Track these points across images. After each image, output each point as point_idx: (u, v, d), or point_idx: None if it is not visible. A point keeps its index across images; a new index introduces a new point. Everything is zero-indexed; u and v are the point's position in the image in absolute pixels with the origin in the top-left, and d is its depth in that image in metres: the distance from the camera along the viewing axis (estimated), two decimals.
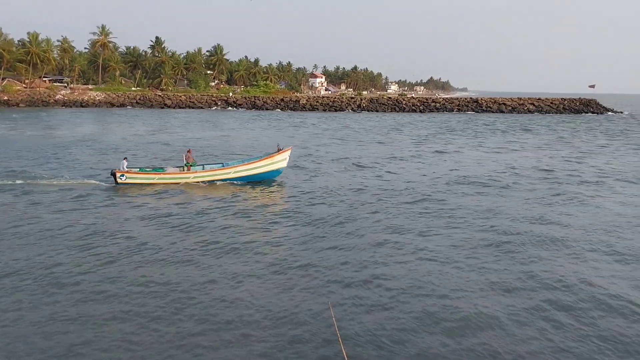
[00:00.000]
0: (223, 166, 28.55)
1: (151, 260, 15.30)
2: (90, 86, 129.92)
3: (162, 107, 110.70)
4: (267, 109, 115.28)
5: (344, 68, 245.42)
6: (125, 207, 22.48)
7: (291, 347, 10.45)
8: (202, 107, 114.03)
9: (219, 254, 15.91)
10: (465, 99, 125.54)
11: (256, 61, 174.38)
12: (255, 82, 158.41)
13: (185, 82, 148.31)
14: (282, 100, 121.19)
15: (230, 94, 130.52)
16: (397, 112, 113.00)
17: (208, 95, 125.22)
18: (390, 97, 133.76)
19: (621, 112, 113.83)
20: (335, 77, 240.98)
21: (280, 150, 28.01)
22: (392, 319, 11.66)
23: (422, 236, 18.06)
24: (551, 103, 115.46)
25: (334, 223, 19.77)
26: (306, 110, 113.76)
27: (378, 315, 11.82)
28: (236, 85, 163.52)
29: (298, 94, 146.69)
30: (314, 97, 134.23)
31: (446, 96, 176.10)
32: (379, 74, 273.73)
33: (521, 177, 30.32)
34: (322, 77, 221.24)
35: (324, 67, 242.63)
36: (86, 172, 30.53)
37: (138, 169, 27.95)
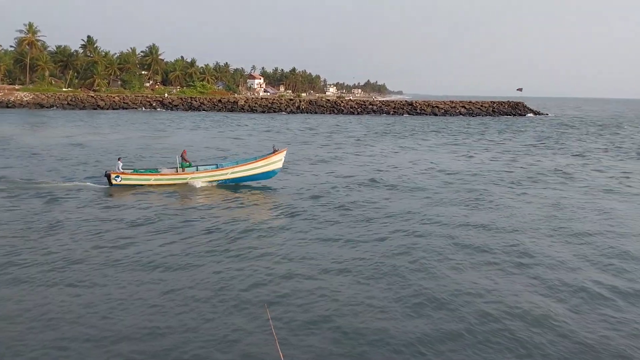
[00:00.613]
0: (217, 167, 28.27)
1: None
2: (16, 86, 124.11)
3: (95, 109, 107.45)
4: (204, 110, 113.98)
5: (282, 70, 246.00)
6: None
7: (227, 349, 10.49)
8: (136, 108, 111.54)
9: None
10: (401, 102, 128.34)
11: (192, 62, 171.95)
12: (191, 83, 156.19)
13: (119, 82, 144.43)
14: (219, 101, 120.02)
15: (166, 94, 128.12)
16: (336, 114, 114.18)
17: (143, 95, 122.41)
18: (328, 100, 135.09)
19: (546, 114, 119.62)
20: (274, 79, 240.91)
21: (276, 151, 27.84)
22: (327, 318, 11.84)
23: (346, 241, 18.15)
24: (481, 106, 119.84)
25: (268, 226, 19.92)
26: (245, 112, 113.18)
27: (314, 314, 12.01)
28: (172, 86, 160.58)
29: (236, 95, 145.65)
30: (253, 98, 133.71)
31: (382, 99, 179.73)
32: (318, 76, 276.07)
33: (434, 178, 31.35)
34: (260, 79, 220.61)
35: (263, 68, 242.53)
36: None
37: (133, 170, 27.56)
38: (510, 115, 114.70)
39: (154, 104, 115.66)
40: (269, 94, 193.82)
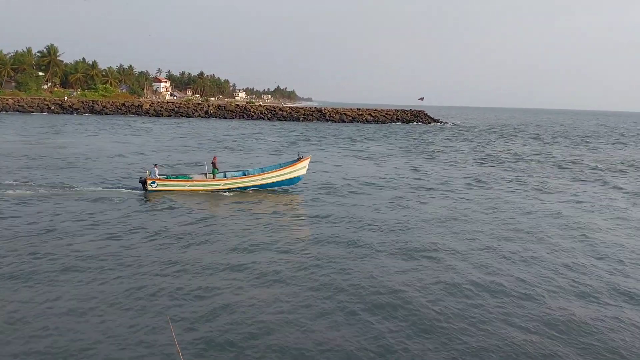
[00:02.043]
0: (244, 174, 29.42)
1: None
2: None
3: None
4: (107, 114, 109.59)
5: (189, 73, 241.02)
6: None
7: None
8: (32, 111, 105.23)
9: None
10: (310, 108, 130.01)
11: (94, 64, 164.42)
12: (93, 86, 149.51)
13: (13, 84, 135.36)
14: (123, 105, 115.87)
15: (66, 97, 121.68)
16: (245, 119, 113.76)
17: (40, 98, 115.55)
18: (238, 105, 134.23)
19: (446, 122, 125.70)
20: (180, 83, 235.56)
21: (301, 159, 29.34)
22: (230, 328, 11.73)
23: (244, 251, 18.16)
24: (386, 114, 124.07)
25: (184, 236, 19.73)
26: (150, 116, 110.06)
27: (216, 325, 11.83)
28: (72, 88, 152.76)
29: (141, 99, 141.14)
30: (159, 102, 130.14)
31: (292, 105, 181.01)
32: (227, 81, 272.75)
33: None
34: (166, 82, 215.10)
35: (169, 71, 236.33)
36: None
37: (167, 177, 28.13)
38: (413, 122, 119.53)
39: (53, 107, 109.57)
40: (175, 98, 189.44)
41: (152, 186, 26.66)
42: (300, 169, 29.48)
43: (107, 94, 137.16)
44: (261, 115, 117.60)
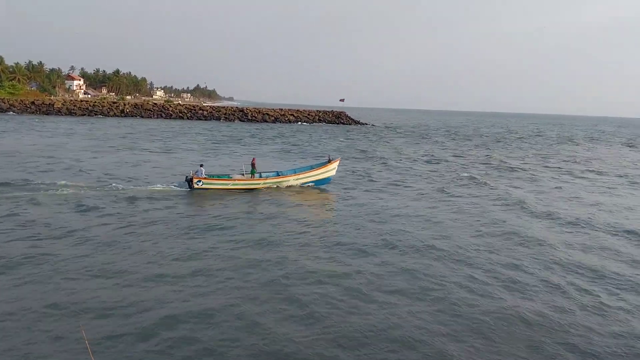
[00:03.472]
0: (278, 174, 31.59)
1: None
2: None
3: None
4: (14, 113, 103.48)
5: (104, 71, 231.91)
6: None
7: None
8: None
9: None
10: (232, 108, 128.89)
11: (0, 60, 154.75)
12: None
13: None
14: (32, 103, 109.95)
15: None
16: (164, 118, 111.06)
17: None
18: (156, 103, 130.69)
19: (366, 124, 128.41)
20: (95, 81, 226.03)
21: (331, 161, 32.01)
22: (146, 337, 11.39)
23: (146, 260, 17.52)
24: (308, 114, 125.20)
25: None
26: (62, 115, 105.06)
27: (131, 336, 11.41)
28: None
29: (52, 97, 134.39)
30: (71, 100, 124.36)
31: (213, 104, 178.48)
32: (144, 79, 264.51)
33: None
34: (80, 80, 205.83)
35: (82, 69, 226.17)
36: None
37: (210, 176, 29.57)
38: (335, 123, 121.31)
39: None
40: (89, 96, 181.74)
41: (198, 184, 28.23)
42: (331, 170, 32.08)
43: (15, 92, 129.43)
44: (180, 114, 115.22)
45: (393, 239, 19.88)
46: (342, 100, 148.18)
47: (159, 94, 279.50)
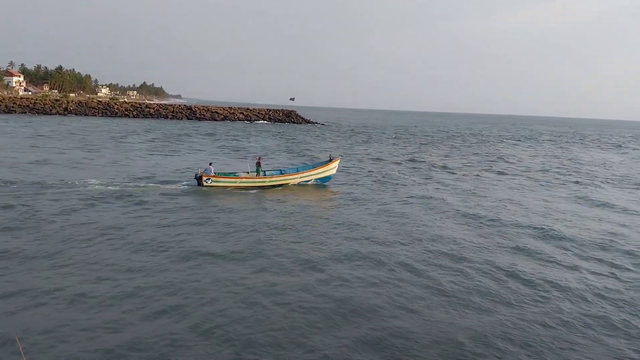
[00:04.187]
0: (281, 173, 32.93)
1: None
2: None
3: None
4: None
5: (46, 67, 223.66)
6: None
7: None
8: None
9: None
10: (180, 106, 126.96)
11: None
12: None
13: None
14: None
15: None
16: (109, 116, 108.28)
17: None
18: (100, 101, 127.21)
19: (317, 123, 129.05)
20: (36, 77, 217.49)
21: (332, 160, 33.47)
22: (83, 345, 11.09)
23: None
24: (258, 113, 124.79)
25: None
26: (0, 112, 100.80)
27: (69, 344, 11.13)
28: None
29: None
30: (10, 97, 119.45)
31: (160, 102, 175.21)
32: (88, 76, 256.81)
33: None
34: (19, 76, 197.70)
35: (23, 65, 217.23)
36: None
37: (218, 174, 30.57)
38: (285, 122, 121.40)
39: None
40: (30, 93, 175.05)
41: (207, 182, 29.26)
42: (332, 169, 33.42)
43: None
44: (126, 112, 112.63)
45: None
46: (292, 99, 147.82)
47: (104, 91, 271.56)
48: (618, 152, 79.48)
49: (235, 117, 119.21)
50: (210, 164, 31.61)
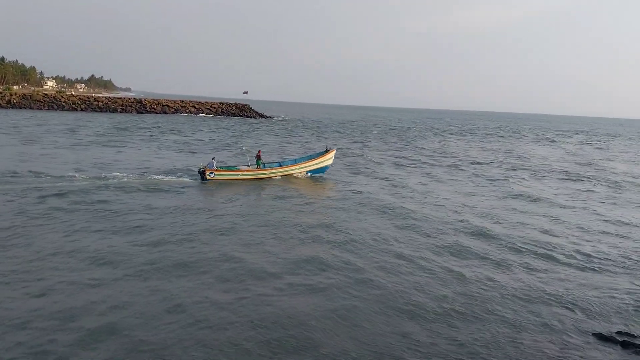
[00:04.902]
0: (280, 165, 34.35)
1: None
2: None
3: None
4: None
5: None
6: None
7: None
8: None
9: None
10: (129, 99, 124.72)
11: None
12: None
13: None
14: None
15: None
16: (55, 110, 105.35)
17: None
18: (46, 94, 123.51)
19: (270, 117, 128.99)
20: None
21: (329, 150, 35.19)
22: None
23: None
24: (210, 106, 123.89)
25: None
26: None
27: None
28: None
29: None
30: None
31: (109, 95, 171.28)
32: (33, 68, 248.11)
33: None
34: None
35: None
36: None
37: (220, 167, 31.83)
38: (238, 116, 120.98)
39: None
40: None
41: (210, 176, 30.20)
42: (328, 160, 34.95)
43: None
44: (74, 106, 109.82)
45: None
46: (245, 92, 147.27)
47: (50, 84, 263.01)
48: (551, 145, 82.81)
49: (187, 110, 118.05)
50: (213, 158, 32.67)
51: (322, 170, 34.93)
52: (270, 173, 32.77)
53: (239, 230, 19.84)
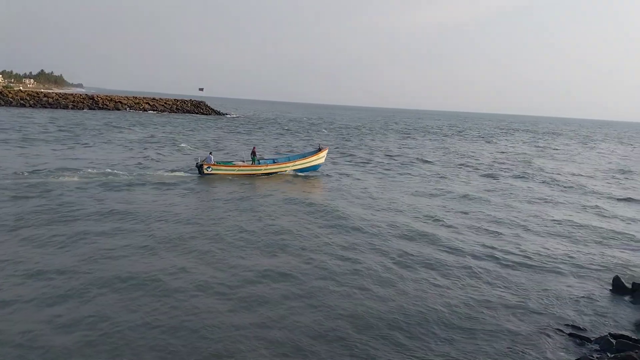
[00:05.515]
0: (274, 162, 35.17)
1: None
2: None
3: None
4: None
5: None
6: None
7: None
8: None
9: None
10: (81, 95, 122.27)
11: None
12: None
13: None
14: None
15: None
16: (2, 106, 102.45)
17: None
18: None
19: (226, 114, 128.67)
20: None
21: (321, 149, 36.16)
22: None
23: None
24: (165, 103, 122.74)
25: None
26: None
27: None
28: None
29: None
30: None
31: (60, 91, 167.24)
32: None
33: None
34: None
35: None
36: None
37: (217, 163, 32.81)
38: (194, 113, 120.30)
39: None
40: None
41: (207, 170, 31.57)
42: (320, 158, 35.92)
43: None
44: (22, 101, 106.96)
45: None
46: (201, 89, 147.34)
47: None
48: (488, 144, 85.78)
49: (141, 107, 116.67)
50: (210, 153, 34.04)
51: (314, 168, 35.96)
52: (265, 169, 34.04)
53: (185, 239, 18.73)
